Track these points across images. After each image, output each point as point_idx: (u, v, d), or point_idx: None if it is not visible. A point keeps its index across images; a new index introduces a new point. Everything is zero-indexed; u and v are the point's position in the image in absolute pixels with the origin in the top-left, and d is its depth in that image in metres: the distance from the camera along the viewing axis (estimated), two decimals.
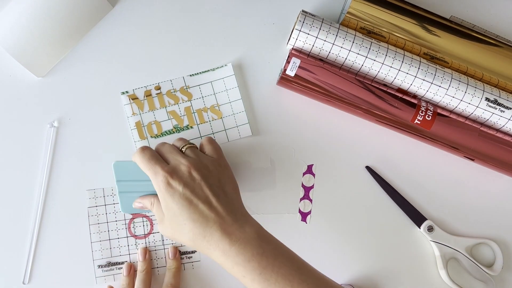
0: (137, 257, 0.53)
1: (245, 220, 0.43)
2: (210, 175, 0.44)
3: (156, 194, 0.46)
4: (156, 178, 0.43)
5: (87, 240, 0.53)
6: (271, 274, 0.40)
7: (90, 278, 0.52)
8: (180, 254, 0.53)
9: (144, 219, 0.53)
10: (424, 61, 0.52)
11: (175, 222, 0.43)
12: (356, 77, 0.51)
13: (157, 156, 0.45)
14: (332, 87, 0.50)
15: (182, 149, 0.46)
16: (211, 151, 0.47)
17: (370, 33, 0.52)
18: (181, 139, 0.48)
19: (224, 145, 0.54)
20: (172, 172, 0.43)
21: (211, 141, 0.48)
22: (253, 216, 0.45)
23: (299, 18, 0.50)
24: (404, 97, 0.51)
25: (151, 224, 0.53)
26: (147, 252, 0.53)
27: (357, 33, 0.51)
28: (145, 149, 0.45)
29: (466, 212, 0.55)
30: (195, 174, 0.43)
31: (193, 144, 0.47)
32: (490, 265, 0.54)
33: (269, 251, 0.42)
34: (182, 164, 0.44)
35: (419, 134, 0.51)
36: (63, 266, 0.52)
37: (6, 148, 0.53)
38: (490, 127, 0.52)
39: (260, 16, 0.55)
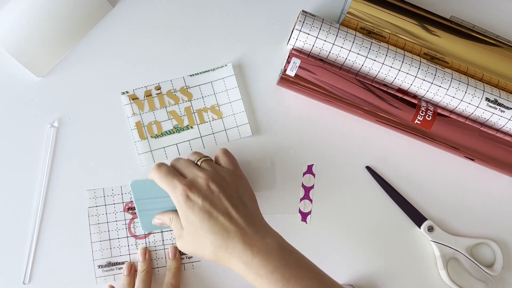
0: (137, 257, 0.53)
1: (266, 231, 0.43)
2: (228, 186, 0.44)
3: (175, 210, 0.45)
4: (174, 192, 0.43)
5: (87, 240, 0.53)
6: (295, 286, 0.40)
7: (90, 278, 0.52)
8: (180, 254, 0.53)
9: None
10: (424, 61, 0.52)
11: (196, 236, 0.42)
12: (356, 77, 0.51)
13: (173, 171, 0.45)
14: (332, 87, 0.50)
15: (198, 163, 0.46)
16: (226, 162, 0.47)
17: (370, 33, 0.52)
18: (196, 152, 0.48)
19: (224, 145, 0.54)
20: (191, 185, 0.43)
21: (226, 152, 0.48)
22: None
23: (299, 18, 0.50)
24: (404, 97, 0.51)
25: None
26: (147, 252, 0.53)
27: (357, 33, 0.51)
28: (161, 165, 0.45)
29: (466, 212, 0.55)
30: (213, 187, 0.43)
31: (208, 156, 0.47)
32: (490, 265, 0.54)
33: (291, 262, 0.41)
34: (200, 177, 0.43)
35: (419, 134, 0.51)
36: (63, 266, 0.52)
37: (6, 148, 0.53)
38: (490, 127, 0.53)
39: (260, 16, 0.55)
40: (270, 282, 0.40)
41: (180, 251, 0.53)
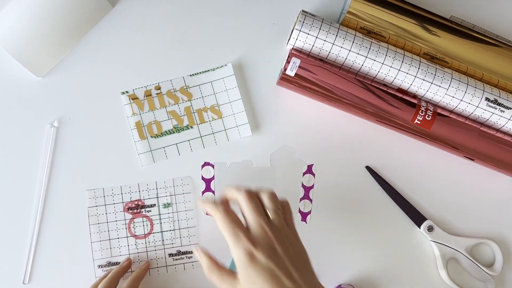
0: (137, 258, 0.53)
1: None
2: (291, 248, 0.42)
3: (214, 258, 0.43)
4: (237, 244, 0.40)
5: (87, 240, 0.53)
6: None
7: (90, 278, 0.52)
8: (181, 254, 0.53)
9: (144, 219, 0.53)
10: (424, 61, 0.52)
11: None
12: (356, 77, 0.51)
13: (239, 221, 0.42)
14: (332, 87, 0.50)
15: (269, 213, 0.43)
16: (289, 220, 0.45)
17: (370, 33, 0.52)
18: (273, 197, 0.44)
19: (224, 145, 0.54)
20: (256, 242, 0.40)
21: (290, 208, 0.45)
22: None
23: (299, 18, 0.50)
24: (404, 97, 0.51)
25: (151, 224, 0.53)
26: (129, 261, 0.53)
27: (357, 33, 0.51)
28: (229, 211, 0.42)
29: (466, 212, 0.55)
30: (278, 247, 0.41)
31: (280, 208, 0.44)
32: (490, 265, 0.54)
33: None
34: (267, 234, 0.41)
35: (419, 134, 0.51)
36: (63, 266, 0.52)
37: (6, 148, 0.53)
38: (490, 127, 0.52)
39: (260, 16, 0.55)
40: None
41: (180, 251, 0.53)
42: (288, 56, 0.50)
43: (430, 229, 0.54)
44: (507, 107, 0.51)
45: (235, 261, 0.41)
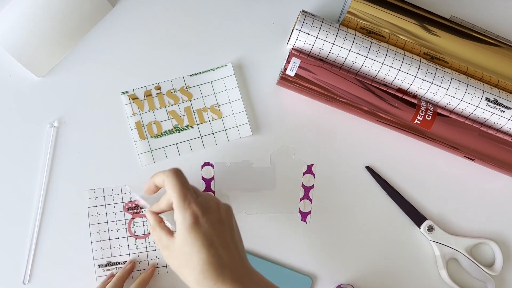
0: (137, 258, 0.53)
1: (253, 270, 0.43)
2: (232, 219, 0.44)
3: (161, 218, 0.44)
4: (184, 209, 0.40)
5: (87, 240, 0.53)
6: None
7: (91, 278, 0.52)
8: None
9: (144, 219, 0.53)
10: (424, 61, 0.52)
11: (188, 258, 0.40)
12: (356, 77, 0.51)
13: (189, 185, 0.42)
14: (332, 87, 0.50)
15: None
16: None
17: (370, 33, 0.52)
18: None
19: (224, 145, 0.54)
20: (204, 208, 0.41)
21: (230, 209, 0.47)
22: (253, 216, 0.45)
23: (299, 18, 0.50)
24: (404, 97, 0.51)
25: None
26: (131, 264, 0.53)
27: (357, 33, 0.51)
28: (180, 172, 0.42)
29: (466, 212, 0.55)
30: (223, 214, 0.42)
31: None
32: (490, 265, 0.54)
33: None
34: (212, 201, 0.42)
35: (419, 134, 0.51)
36: (63, 266, 0.52)
37: (6, 148, 0.53)
38: (490, 127, 0.53)
39: (260, 16, 0.55)
40: None
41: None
42: (288, 56, 0.50)
43: (430, 229, 0.54)
44: (507, 107, 0.51)
45: (178, 222, 0.41)
